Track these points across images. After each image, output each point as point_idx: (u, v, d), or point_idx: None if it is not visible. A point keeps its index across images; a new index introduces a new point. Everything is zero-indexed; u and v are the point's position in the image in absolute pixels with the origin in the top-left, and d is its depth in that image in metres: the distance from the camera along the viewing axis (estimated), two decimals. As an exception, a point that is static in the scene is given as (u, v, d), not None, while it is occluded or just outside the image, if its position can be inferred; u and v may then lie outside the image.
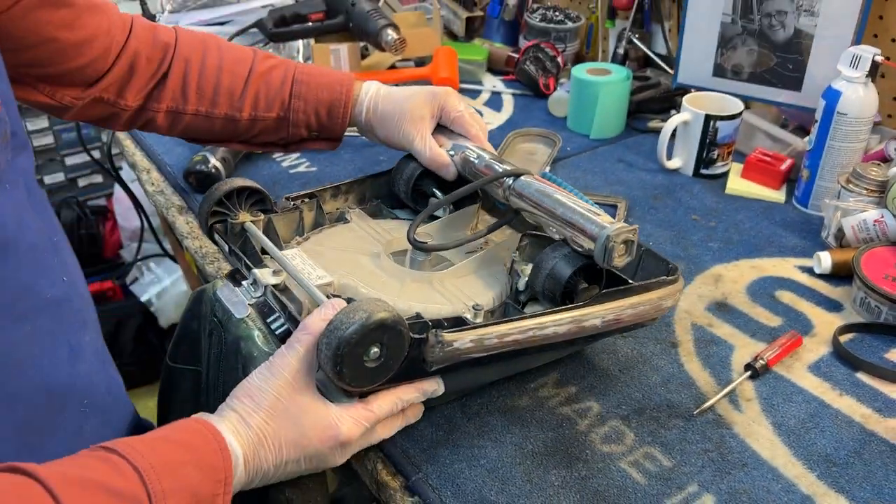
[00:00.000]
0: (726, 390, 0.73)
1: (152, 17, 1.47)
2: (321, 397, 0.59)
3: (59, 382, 0.57)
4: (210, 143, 0.91)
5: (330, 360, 0.54)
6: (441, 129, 0.85)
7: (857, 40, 1.04)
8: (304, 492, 0.64)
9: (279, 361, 0.58)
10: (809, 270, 0.91)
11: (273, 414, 0.56)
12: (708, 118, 1.07)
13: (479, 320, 0.68)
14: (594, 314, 0.65)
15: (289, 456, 0.57)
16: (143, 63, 0.80)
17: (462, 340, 0.59)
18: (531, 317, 0.62)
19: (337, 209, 0.85)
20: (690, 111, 1.09)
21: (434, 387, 0.64)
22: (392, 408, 0.61)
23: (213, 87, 0.83)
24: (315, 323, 0.57)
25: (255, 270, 0.68)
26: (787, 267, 0.92)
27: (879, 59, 0.93)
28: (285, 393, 0.57)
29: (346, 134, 0.89)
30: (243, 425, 0.55)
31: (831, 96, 0.96)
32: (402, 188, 0.85)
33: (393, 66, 1.40)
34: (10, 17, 0.66)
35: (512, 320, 0.62)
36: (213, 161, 1.02)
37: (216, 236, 0.76)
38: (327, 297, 0.63)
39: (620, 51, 1.40)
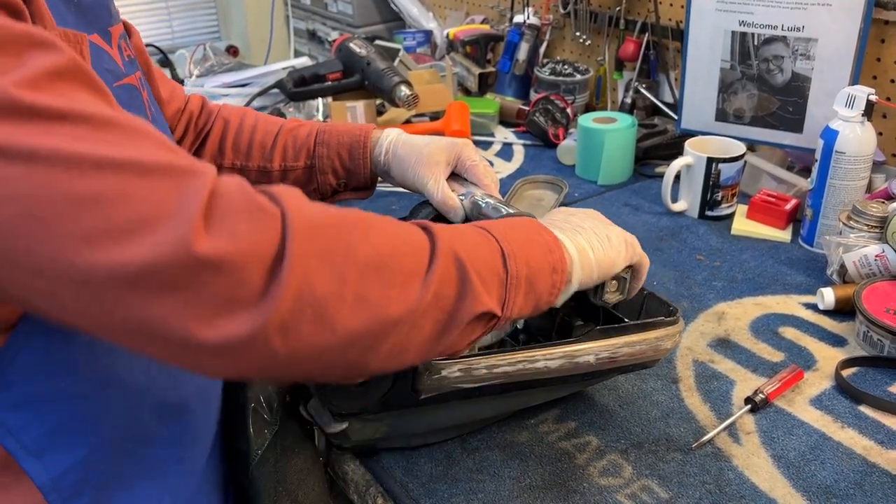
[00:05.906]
0: (725, 423, 0.73)
1: (181, 82, 1.56)
2: None
3: None
4: None
5: None
6: (455, 177, 0.89)
7: (855, 81, 1.06)
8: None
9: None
10: (814, 307, 0.92)
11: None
12: (710, 160, 1.09)
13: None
14: (587, 350, 0.66)
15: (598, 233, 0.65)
16: (193, 125, 0.90)
17: (451, 369, 0.61)
18: (522, 349, 0.64)
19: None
20: (693, 154, 1.11)
21: None
22: None
23: (248, 142, 0.90)
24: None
25: None
26: (791, 304, 0.93)
27: (874, 98, 0.95)
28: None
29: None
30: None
31: (829, 136, 0.98)
32: None
33: (408, 121, 1.45)
34: None
35: (502, 352, 0.63)
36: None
37: None
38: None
39: (628, 100, 1.44)
